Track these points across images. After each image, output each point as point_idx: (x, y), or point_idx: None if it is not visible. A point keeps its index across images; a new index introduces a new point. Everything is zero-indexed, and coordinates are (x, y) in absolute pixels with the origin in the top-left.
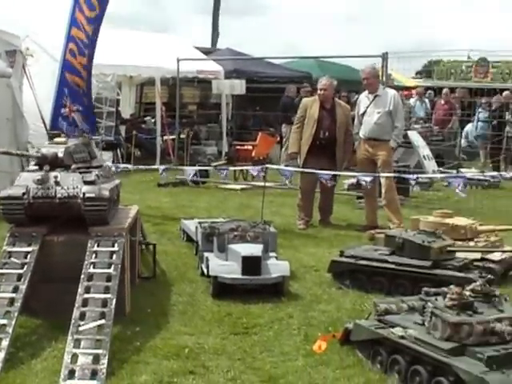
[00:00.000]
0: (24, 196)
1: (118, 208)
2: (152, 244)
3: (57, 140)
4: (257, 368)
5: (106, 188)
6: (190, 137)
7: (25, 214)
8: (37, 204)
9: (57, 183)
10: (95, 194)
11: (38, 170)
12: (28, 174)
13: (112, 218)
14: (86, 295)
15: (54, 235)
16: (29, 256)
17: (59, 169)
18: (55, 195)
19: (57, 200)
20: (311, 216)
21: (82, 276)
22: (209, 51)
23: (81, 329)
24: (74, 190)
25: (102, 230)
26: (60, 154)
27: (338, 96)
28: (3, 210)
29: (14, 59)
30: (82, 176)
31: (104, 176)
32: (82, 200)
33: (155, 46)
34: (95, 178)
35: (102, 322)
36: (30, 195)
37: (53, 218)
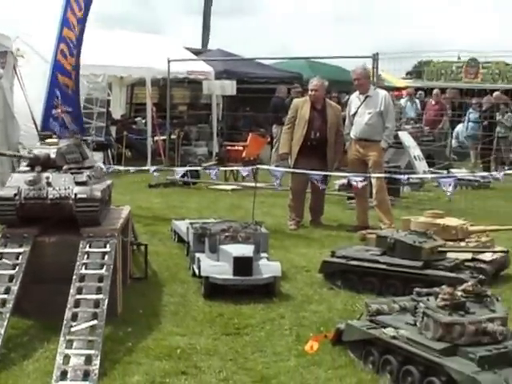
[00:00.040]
0: (16, 197)
1: (110, 209)
2: (143, 245)
3: (48, 141)
4: (249, 368)
5: (98, 189)
6: (180, 137)
7: (16, 215)
8: (28, 205)
9: (48, 184)
10: (87, 194)
11: (29, 170)
12: (19, 174)
13: (104, 219)
14: (78, 296)
15: (46, 236)
16: (20, 257)
17: (51, 170)
18: (47, 196)
19: (48, 201)
20: (302, 216)
21: (73, 277)
22: (199, 52)
23: (73, 329)
24: (66, 190)
25: (93, 230)
26: (52, 155)
27: (329, 97)
28: None
29: (4, 60)
30: (73, 177)
31: (96, 177)
32: (73, 201)
33: (146, 47)
34: (87, 178)
35: (94, 322)
36: (21, 196)
37: (44, 219)
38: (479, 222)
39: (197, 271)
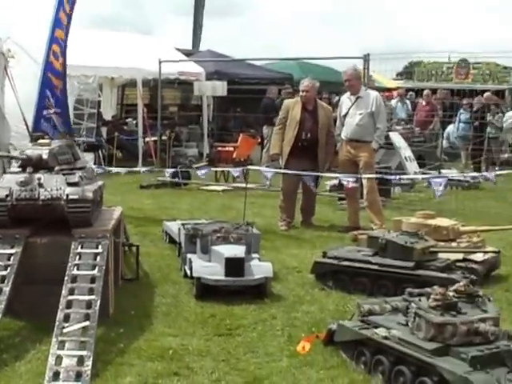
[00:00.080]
0: (7, 198)
1: (102, 209)
2: (135, 246)
3: (40, 142)
4: (241, 369)
5: (90, 189)
6: (171, 138)
7: (8, 216)
8: (20, 206)
9: (40, 185)
10: (78, 195)
11: (21, 171)
12: (11, 175)
13: (95, 220)
14: (70, 297)
15: (38, 237)
16: (12, 258)
17: (42, 170)
18: (39, 197)
19: (40, 202)
20: (293, 217)
21: (65, 278)
22: (190, 53)
23: (65, 331)
24: (58, 191)
25: (85, 231)
26: (44, 156)
27: (320, 97)
28: None
29: None
30: (65, 178)
31: (87, 177)
32: (65, 202)
33: (136, 48)
34: (79, 179)
35: (87, 323)
36: (13, 197)
37: (36, 220)
38: (470, 222)
39: (188, 272)
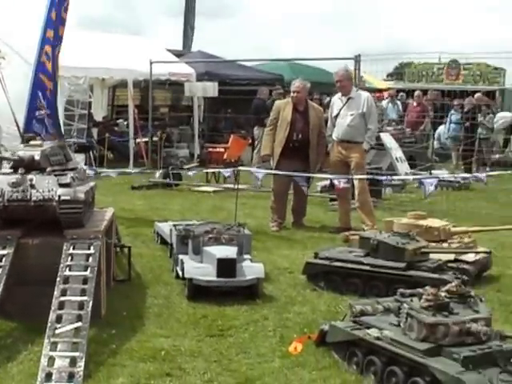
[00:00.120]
0: None
1: (94, 210)
2: (127, 247)
3: (32, 143)
4: (233, 370)
5: (82, 190)
6: (163, 139)
7: None
8: (12, 207)
9: (32, 186)
10: (70, 196)
11: (12, 172)
12: (3, 176)
13: (87, 221)
14: (62, 298)
15: (29, 238)
16: (4, 259)
17: (34, 171)
18: (30, 198)
19: (32, 203)
20: (284, 218)
21: (58, 279)
22: (180, 54)
23: (57, 332)
24: (50, 192)
25: (77, 232)
26: (36, 157)
27: (311, 98)
28: None
29: None
30: (57, 179)
31: (79, 178)
32: (57, 203)
33: (127, 49)
34: (70, 180)
35: (79, 324)
36: (4, 198)
37: (28, 221)
38: (461, 223)
39: (180, 273)
